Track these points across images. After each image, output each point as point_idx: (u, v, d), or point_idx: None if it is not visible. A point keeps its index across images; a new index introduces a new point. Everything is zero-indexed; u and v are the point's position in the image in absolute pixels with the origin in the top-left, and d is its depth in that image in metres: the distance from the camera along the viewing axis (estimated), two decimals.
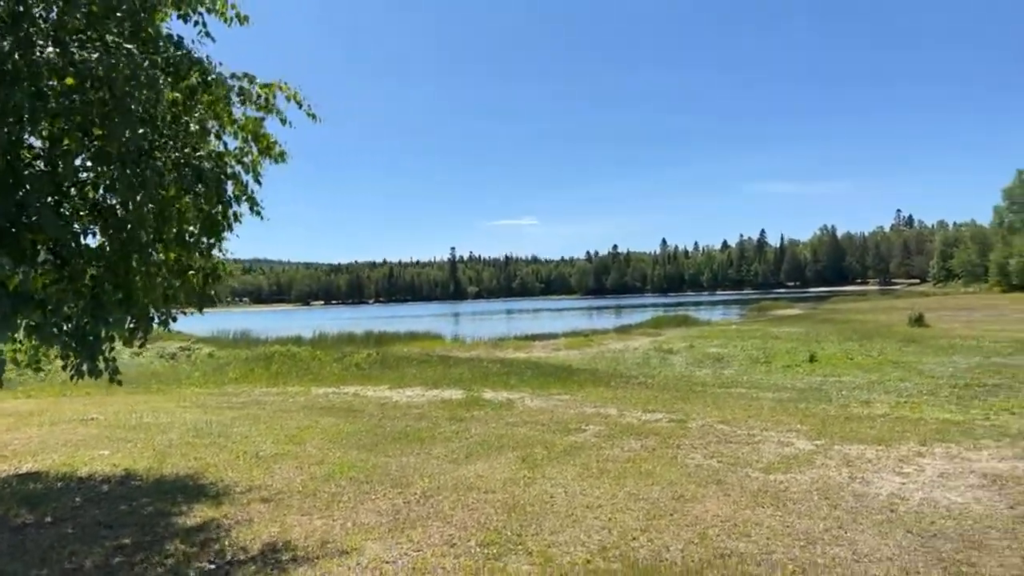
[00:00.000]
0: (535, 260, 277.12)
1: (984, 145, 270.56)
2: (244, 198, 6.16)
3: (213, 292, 6.47)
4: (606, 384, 14.63)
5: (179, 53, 5.33)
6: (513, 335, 32.21)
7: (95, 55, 4.63)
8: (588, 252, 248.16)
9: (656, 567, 4.56)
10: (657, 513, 5.66)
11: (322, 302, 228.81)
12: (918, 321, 25.90)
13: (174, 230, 5.55)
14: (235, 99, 6.12)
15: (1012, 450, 7.46)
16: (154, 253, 5.66)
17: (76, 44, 4.70)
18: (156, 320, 6.18)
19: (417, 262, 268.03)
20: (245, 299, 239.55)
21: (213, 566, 4.78)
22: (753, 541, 4.98)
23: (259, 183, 6.39)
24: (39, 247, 5.30)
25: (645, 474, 6.88)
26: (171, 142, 5.60)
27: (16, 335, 5.83)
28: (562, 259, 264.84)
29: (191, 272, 6.11)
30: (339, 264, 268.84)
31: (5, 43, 4.52)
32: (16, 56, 4.46)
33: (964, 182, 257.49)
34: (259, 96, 6.27)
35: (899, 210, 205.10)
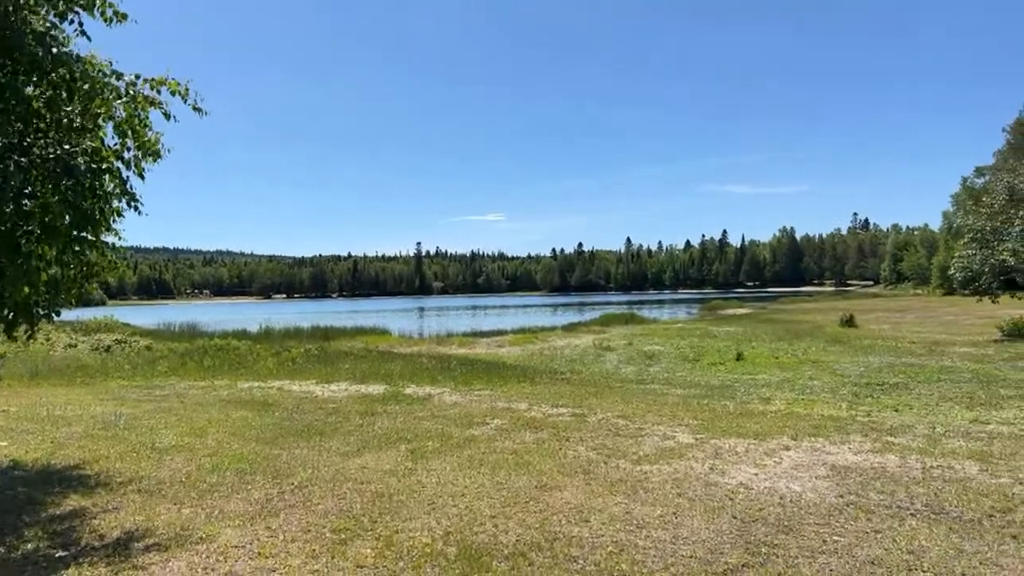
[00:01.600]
0: (501, 256, 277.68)
1: (942, 149, 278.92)
2: (123, 194, 6.29)
3: (95, 286, 6.58)
4: (531, 380, 14.95)
5: (41, 52, 5.42)
6: (462, 331, 32.43)
7: None
8: (554, 249, 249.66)
9: (487, 550, 4.85)
10: (514, 501, 5.96)
11: (284, 296, 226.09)
12: (848, 322, 26.82)
13: (38, 223, 5.64)
14: (115, 95, 6.25)
15: (872, 444, 7.95)
16: (22, 251, 5.76)
17: None
18: (40, 313, 6.27)
19: (382, 256, 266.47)
20: (205, 291, 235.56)
21: (64, 552, 4.94)
22: (589, 526, 5.30)
23: (142, 178, 6.52)
24: None
25: (521, 465, 7.18)
26: (44, 139, 5.71)
27: None
28: (528, 256, 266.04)
29: (69, 267, 6.22)
30: (303, 257, 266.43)
31: None
32: None
33: (921, 185, 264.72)
34: (151, 90, 6.42)
35: (855, 213, 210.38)
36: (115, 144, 6.45)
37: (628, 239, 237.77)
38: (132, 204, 6.40)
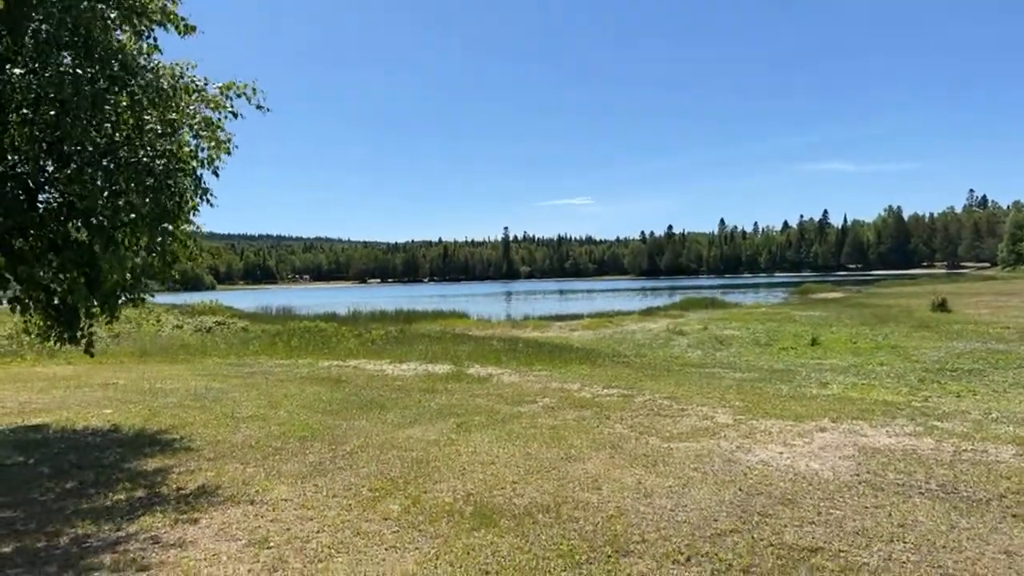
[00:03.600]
0: (588, 240, 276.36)
1: None
2: (197, 190, 7.15)
3: (175, 273, 7.50)
4: (592, 363, 15.28)
5: (121, 67, 6.26)
6: (538, 315, 32.97)
7: (47, 74, 5.62)
8: (643, 232, 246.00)
9: (499, 509, 5.35)
10: (537, 470, 6.42)
11: (378, 280, 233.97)
12: (940, 307, 25.45)
13: (126, 218, 6.54)
14: (190, 101, 7.10)
15: (914, 428, 7.88)
16: (116, 241, 6.69)
17: (34, 67, 5.71)
18: (124, 299, 7.25)
19: (471, 241, 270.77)
20: (306, 276, 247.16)
21: (143, 495, 5.81)
22: (599, 493, 5.70)
23: (216, 176, 7.37)
24: (16, 238, 6.39)
25: (555, 439, 7.62)
26: (126, 146, 6.60)
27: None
28: (616, 239, 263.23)
29: (153, 257, 7.14)
30: (396, 243, 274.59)
31: None
32: None
33: None
34: (220, 94, 7.26)
35: (972, 190, 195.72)
36: (191, 145, 7.33)
37: (722, 220, 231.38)
38: (205, 198, 7.28)
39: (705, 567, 4.24)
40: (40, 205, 6.64)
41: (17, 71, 5.55)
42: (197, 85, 6.95)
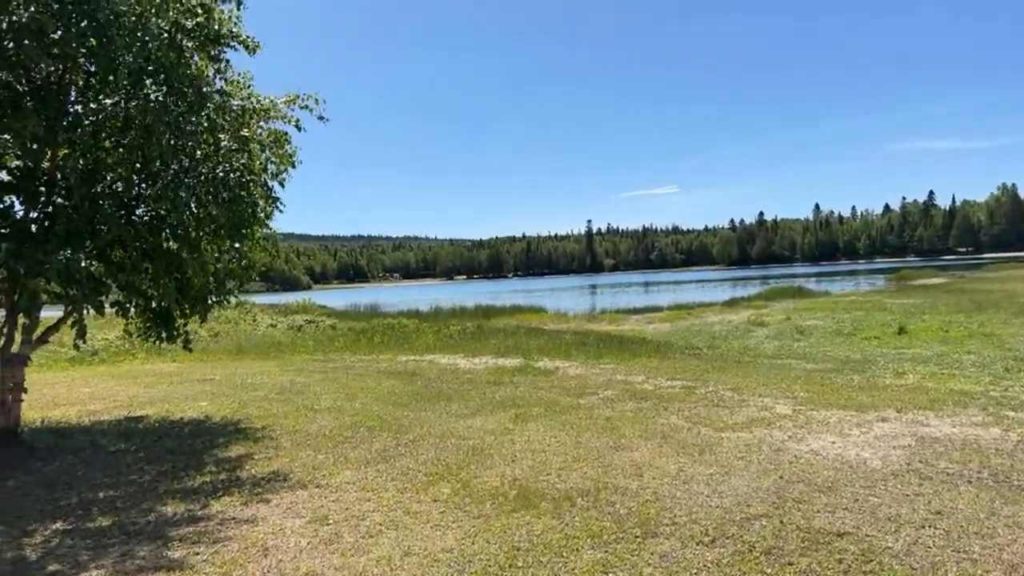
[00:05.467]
0: (675, 230, 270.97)
1: None
2: (267, 200, 7.81)
3: (254, 275, 8.21)
4: (661, 355, 15.30)
5: (197, 92, 6.93)
6: (615, 309, 32.92)
7: (133, 103, 6.34)
8: (732, 220, 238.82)
9: (541, 493, 5.65)
10: (584, 458, 6.68)
11: (464, 277, 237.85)
12: None
13: (208, 228, 7.24)
14: (258, 119, 7.76)
15: (983, 418, 7.62)
16: (200, 249, 7.42)
17: (123, 96, 6.45)
18: (211, 301, 8.00)
19: (554, 236, 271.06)
20: (395, 274, 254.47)
21: (225, 478, 6.48)
22: (640, 480, 5.90)
23: (282, 186, 8.03)
24: (115, 248, 7.21)
25: (608, 430, 7.85)
26: (205, 163, 7.30)
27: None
28: (704, 228, 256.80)
29: (231, 262, 7.86)
30: (480, 240, 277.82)
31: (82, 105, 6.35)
32: (79, 108, 6.28)
33: None
34: (286, 107, 7.89)
35: None
36: (262, 159, 8.00)
37: (816, 205, 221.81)
38: (275, 207, 7.94)
39: (727, 548, 4.40)
40: (135, 219, 7.45)
41: (108, 101, 6.30)
42: (264, 104, 7.59)
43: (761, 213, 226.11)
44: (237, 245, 7.75)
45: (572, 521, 5.01)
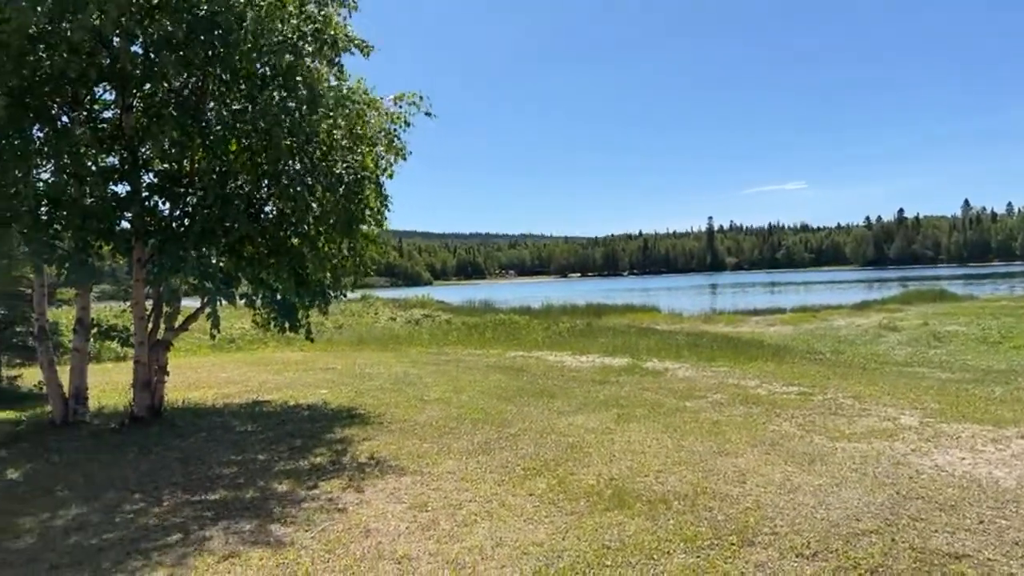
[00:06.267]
0: (803, 228, 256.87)
1: None
2: (377, 196, 8.17)
3: (368, 271, 8.62)
4: (779, 359, 14.62)
5: (314, 95, 7.35)
6: (734, 309, 31.73)
7: (256, 107, 6.84)
8: (867, 218, 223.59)
9: (637, 494, 5.58)
10: (684, 461, 6.52)
11: (578, 274, 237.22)
12: None
13: (325, 224, 7.68)
14: (370, 116, 8.13)
15: None
16: (318, 246, 7.90)
17: (243, 102, 6.98)
18: (329, 294, 8.49)
19: (673, 233, 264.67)
20: (511, 272, 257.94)
21: (336, 461, 6.87)
22: (742, 487, 5.69)
23: (390, 178, 8.38)
24: (244, 244, 7.80)
25: (713, 434, 7.61)
26: (323, 162, 7.75)
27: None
28: (837, 226, 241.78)
29: (346, 257, 8.30)
30: (596, 238, 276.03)
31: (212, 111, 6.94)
32: (212, 114, 6.86)
33: None
34: (394, 105, 8.24)
35: None
36: (373, 156, 8.38)
37: (966, 201, 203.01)
38: (385, 204, 8.30)
39: (829, 563, 4.17)
40: (262, 217, 8.04)
41: (235, 107, 6.85)
42: (377, 105, 7.96)
43: (901, 210, 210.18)
44: (352, 242, 8.18)
45: (666, 524, 4.92)
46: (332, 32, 7.44)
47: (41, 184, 7.57)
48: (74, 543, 4.99)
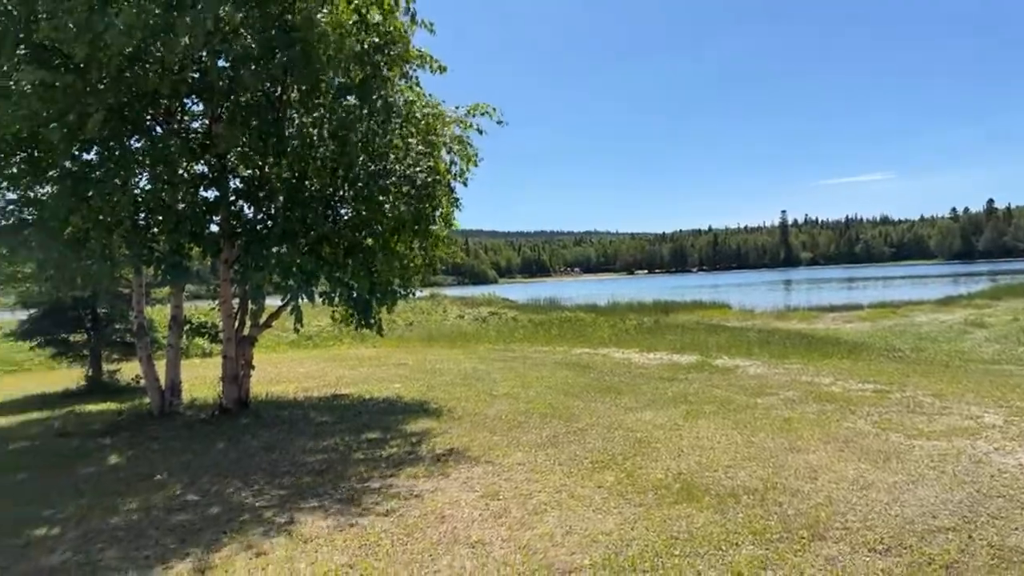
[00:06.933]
0: (883, 221, 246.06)
1: None
2: (449, 199, 8.44)
3: (436, 271, 8.91)
4: (855, 357, 14.21)
5: (388, 105, 7.66)
6: (808, 305, 30.82)
7: (333, 117, 7.19)
8: (953, 209, 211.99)
9: (705, 488, 5.62)
10: (754, 457, 6.50)
11: (645, 271, 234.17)
12: None
13: (396, 226, 7.99)
14: (444, 126, 8.40)
15: None
16: (390, 247, 8.22)
17: (323, 111, 7.34)
18: (399, 293, 8.82)
19: (744, 228, 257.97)
20: (576, 269, 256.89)
21: (410, 451, 7.16)
22: (813, 483, 5.65)
23: (465, 185, 8.63)
24: (322, 244, 8.20)
25: (784, 431, 7.53)
26: (396, 167, 8.06)
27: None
28: (920, 218, 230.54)
29: (415, 257, 8.60)
30: (663, 233, 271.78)
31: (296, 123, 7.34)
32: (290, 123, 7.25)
33: None
34: (467, 115, 8.49)
35: None
36: (446, 161, 8.65)
37: None
38: (456, 206, 8.56)
39: (903, 558, 4.14)
40: (339, 219, 8.43)
41: (315, 115, 7.23)
42: (449, 116, 8.23)
43: (991, 200, 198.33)
44: (423, 242, 8.48)
45: (735, 517, 4.96)
46: (405, 47, 7.75)
47: (139, 191, 8.15)
48: (175, 522, 5.42)
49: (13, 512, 5.86)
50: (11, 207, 8.93)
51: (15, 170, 8.45)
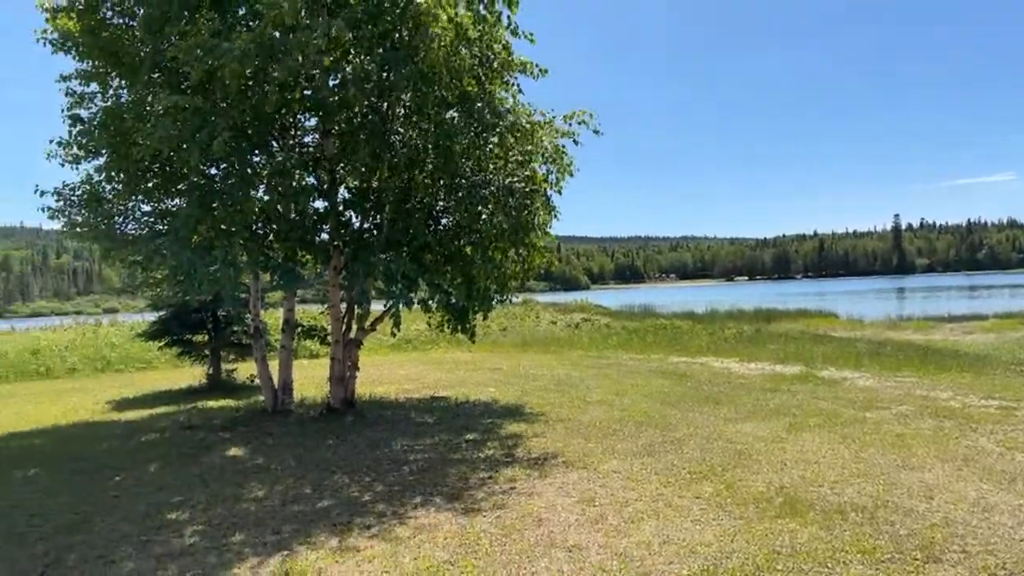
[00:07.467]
0: (1011, 224, 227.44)
1: None
2: (545, 208, 8.56)
3: (531, 278, 9.04)
4: (977, 370, 13.24)
5: (492, 115, 7.86)
6: (925, 315, 28.94)
7: (438, 130, 7.46)
8: None
9: (811, 504, 5.44)
10: (864, 473, 6.23)
11: (745, 277, 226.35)
12: None
13: (495, 234, 8.18)
14: (541, 135, 8.54)
15: None
16: (488, 254, 8.42)
17: (429, 124, 7.63)
18: (496, 299, 9.02)
19: (852, 232, 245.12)
20: (671, 275, 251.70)
21: (506, 454, 7.31)
22: (929, 503, 5.36)
23: (559, 194, 8.73)
24: (425, 254, 8.51)
25: (896, 447, 7.17)
26: (495, 176, 8.26)
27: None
28: None
29: (513, 264, 8.76)
30: (764, 239, 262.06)
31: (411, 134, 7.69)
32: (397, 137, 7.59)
33: None
34: (564, 123, 8.60)
35: None
36: (543, 171, 8.78)
37: None
38: (553, 214, 8.67)
39: None
40: (440, 228, 8.74)
41: (421, 127, 7.54)
42: (544, 122, 8.35)
43: None
44: (520, 250, 8.64)
45: (842, 535, 4.78)
46: (507, 58, 7.95)
47: (257, 203, 8.74)
48: (291, 512, 5.79)
49: (147, 499, 6.42)
50: (146, 218, 9.79)
51: (150, 185, 9.27)
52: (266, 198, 8.85)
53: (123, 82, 8.95)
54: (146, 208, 9.85)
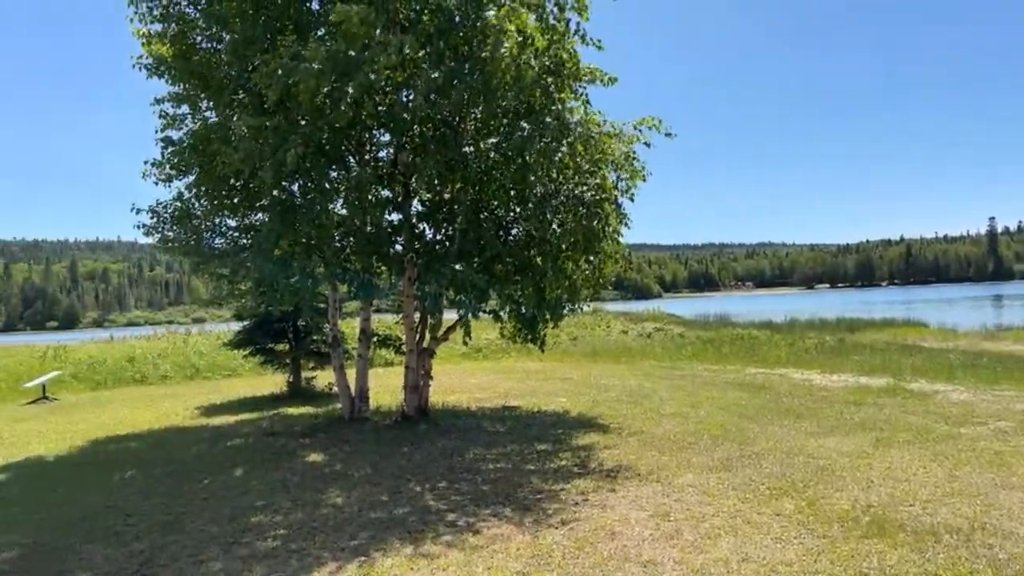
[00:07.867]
0: None
1: None
2: (616, 216, 8.49)
3: (603, 287, 8.98)
4: None
5: (561, 125, 7.88)
6: None
7: (509, 141, 7.53)
8: None
9: (900, 524, 5.17)
10: (959, 492, 5.88)
11: (827, 285, 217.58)
12: None
13: (566, 243, 8.18)
14: (611, 143, 8.49)
15: None
16: (559, 264, 8.43)
17: (500, 135, 7.71)
18: (567, 308, 9.00)
19: (943, 237, 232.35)
20: (748, 283, 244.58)
21: (579, 465, 7.27)
22: None
23: (631, 201, 8.65)
24: (496, 264, 8.59)
25: (995, 465, 6.74)
26: (565, 185, 8.26)
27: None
28: None
29: (584, 272, 8.73)
30: (847, 244, 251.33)
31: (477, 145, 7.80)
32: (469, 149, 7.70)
33: None
34: (634, 129, 8.53)
35: None
36: (613, 178, 8.72)
37: None
38: (623, 222, 8.59)
39: None
40: (511, 238, 8.80)
41: (492, 140, 7.63)
42: (615, 128, 8.30)
43: None
44: (591, 259, 8.60)
45: (935, 558, 4.52)
46: (575, 67, 7.97)
47: (335, 216, 9.04)
48: (368, 519, 5.93)
49: (233, 502, 6.70)
50: (232, 233, 10.27)
51: (235, 201, 9.72)
52: (344, 212, 9.13)
53: (210, 103, 9.44)
54: (231, 223, 10.33)
